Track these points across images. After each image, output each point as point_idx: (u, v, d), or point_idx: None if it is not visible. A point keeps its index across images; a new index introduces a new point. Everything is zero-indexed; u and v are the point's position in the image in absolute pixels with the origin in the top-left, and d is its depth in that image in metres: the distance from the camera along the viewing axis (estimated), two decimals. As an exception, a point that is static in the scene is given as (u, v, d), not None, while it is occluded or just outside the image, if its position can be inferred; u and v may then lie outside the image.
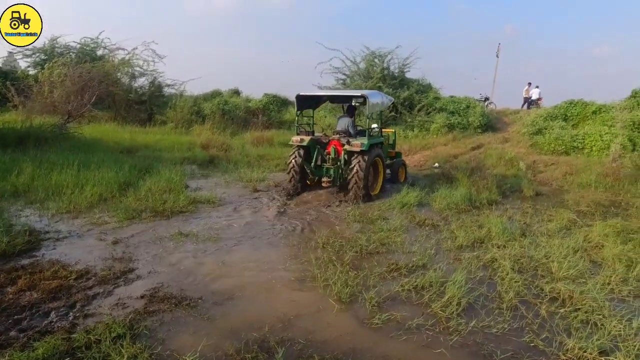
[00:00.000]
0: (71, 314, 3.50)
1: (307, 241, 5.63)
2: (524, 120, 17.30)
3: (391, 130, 10.98)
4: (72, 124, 12.13)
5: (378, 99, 8.69)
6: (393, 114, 17.88)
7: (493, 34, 69.45)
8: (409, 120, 17.96)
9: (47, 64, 16.03)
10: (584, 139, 13.71)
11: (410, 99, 18.51)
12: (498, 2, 78.09)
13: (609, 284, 4.43)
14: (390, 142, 10.21)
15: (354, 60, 19.65)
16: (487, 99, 22.10)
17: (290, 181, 8.60)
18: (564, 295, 4.08)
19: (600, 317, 3.68)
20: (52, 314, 3.47)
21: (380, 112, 9.36)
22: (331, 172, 8.33)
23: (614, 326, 3.50)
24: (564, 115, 16.40)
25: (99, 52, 19.46)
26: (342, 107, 10.24)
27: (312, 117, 9.96)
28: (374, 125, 8.80)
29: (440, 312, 3.70)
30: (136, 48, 18.90)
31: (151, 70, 19.36)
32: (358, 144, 7.81)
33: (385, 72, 19.13)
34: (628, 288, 4.36)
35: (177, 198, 7.25)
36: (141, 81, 19.57)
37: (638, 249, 5.46)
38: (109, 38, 19.77)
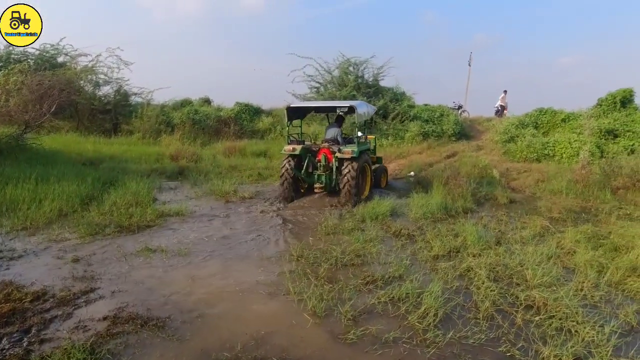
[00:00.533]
0: (25, 339, 3.32)
1: (281, 254, 5.58)
2: (496, 128, 17.84)
3: (372, 137, 11.41)
4: (30, 135, 11.67)
5: (365, 109, 9.38)
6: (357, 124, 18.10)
7: (465, 43, 71.56)
8: (384, 128, 18.22)
9: (1, 71, 15.46)
10: (554, 147, 14.23)
11: (384, 107, 18.81)
12: (467, 12, 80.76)
13: (581, 290, 4.57)
14: (372, 148, 10.79)
15: (327, 68, 19.89)
16: (460, 107, 22.70)
17: (282, 188, 8.90)
18: (538, 302, 4.17)
19: (574, 323, 3.78)
20: (4, 341, 3.28)
21: (365, 121, 10.01)
22: (323, 178, 8.92)
23: (587, 332, 3.60)
24: (534, 123, 17.03)
25: (60, 59, 18.92)
26: (327, 117, 11.33)
27: (301, 127, 10.55)
28: (360, 134, 9.39)
29: (417, 324, 3.72)
30: (100, 55, 18.52)
31: (116, 78, 18.98)
32: (349, 151, 8.42)
33: (360, 80, 19.42)
34: (599, 293, 4.51)
35: (144, 212, 7.08)
36: (106, 89, 19.11)
37: (608, 254, 5.67)
38: (71, 45, 19.19)
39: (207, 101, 23.40)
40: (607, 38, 68.97)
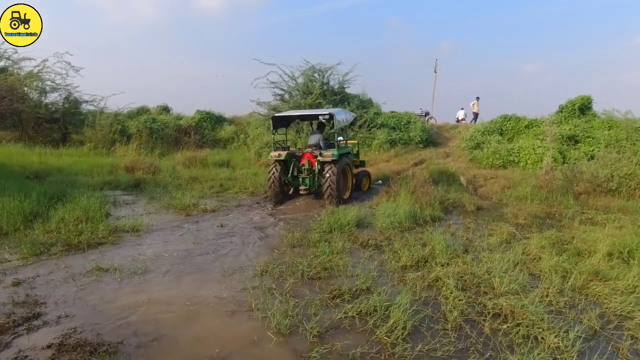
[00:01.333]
0: (-44, 374, 3.10)
1: (244, 268, 5.49)
2: (463, 135, 18.41)
3: (354, 142, 12.72)
4: (-33, 146, 11.06)
5: (343, 116, 10.45)
6: (334, 130, 18.24)
7: (431, 50, 73.98)
8: (350, 136, 18.40)
9: None
10: (519, 153, 14.83)
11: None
12: (431, 20, 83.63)
13: (547, 296, 4.74)
14: (354, 152, 11.93)
15: (292, 75, 19.87)
16: (427, 114, 23.28)
17: (270, 191, 9.98)
18: (505, 310, 4.28)
19: (540, 330, 3.90)
20: None
21: (345, 126, 10.91)
22: (307, 181, 9.96)
23: (553, 339, 3.72)
24: (499, 130, 17.70)
25: (1, 64, 18.01)
26: (311, 124, 12.59)
27: (286, 134, 11.69)
28: (340, 138, 10.44)
29: (385, 338, 3.73)
30: (47, 60, 17.78)
31: (65, 85, 18.27)
32: (329, 154, 9.49)
33: (325, 87, 19.54)
34: (564, 299, 4.68)
35: (96, 228, 6.82)
36: (53, 97, 18.33)
37: (571, 259, 5.92)
38: (13, 48, 18.34)
39: (165, 109, 22.97)
40: (567, 46, 72.90)
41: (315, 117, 10.67)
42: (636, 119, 15.27)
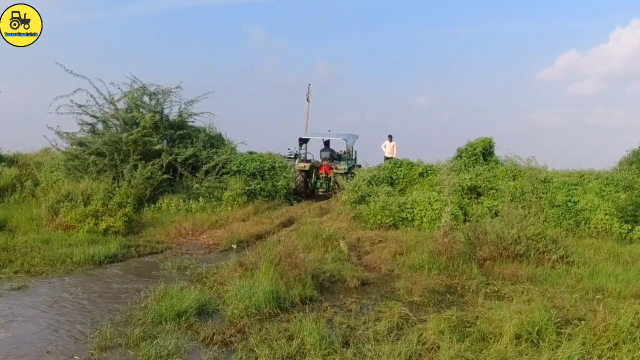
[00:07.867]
0: None
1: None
2: (343, 185, 19.47)
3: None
4: None
5: (352, 140, 22.37)
6: (168, 175, 17.80)
7: (307, 72, 77.78)
8: (193, 186, 18.12)
9: None
10: (412, 208, 16.11)
11: (194, 156, 18.80)
12: (306, 34, 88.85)
13: (447, 399, 5.06)
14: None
15: (109, 97, 18.99)
16: (298, 155, 24.12)
17: (297, 192, 20.53)
18: None
19: None
20: None
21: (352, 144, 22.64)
22: (324, 185, 20.86)
23: None
24: (389, 178, 19.14)
25: None
26: (322, 140, 23.33)
27: (306, 149, 22.51)
28: (347, 153, 21.98)
29: None
30: None
31: None
32: (342, 168, 19.96)
33: (158, 117, 19.09)
34: (467, 401, 5.04)
35: None
36: None
37: (475, 345, 6.46)
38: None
39: None
40: (463, 79, 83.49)
41: (332, 138, 22.57)
42: (540, 167, 17.88)
